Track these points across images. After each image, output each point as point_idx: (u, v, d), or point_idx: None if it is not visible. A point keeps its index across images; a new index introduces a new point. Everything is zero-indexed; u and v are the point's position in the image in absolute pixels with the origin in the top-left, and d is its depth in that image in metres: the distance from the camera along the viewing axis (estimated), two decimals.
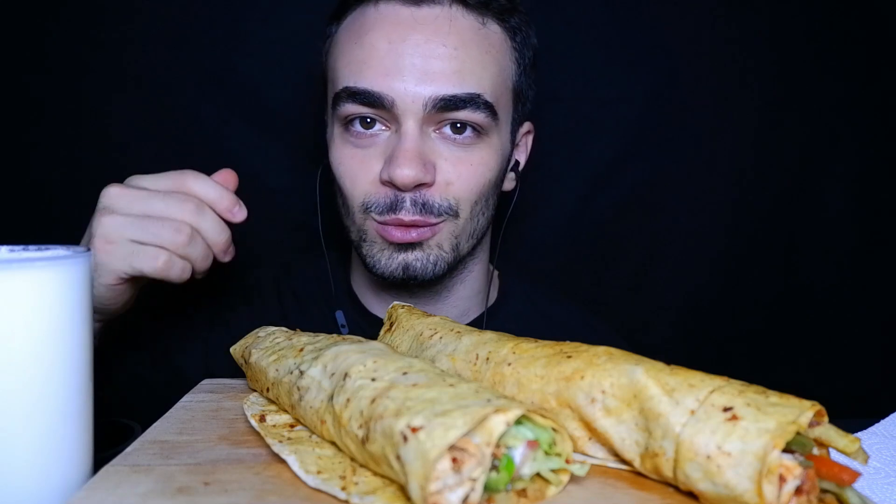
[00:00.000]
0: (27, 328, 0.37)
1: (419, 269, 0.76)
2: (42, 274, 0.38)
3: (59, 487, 0.39)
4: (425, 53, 0.71)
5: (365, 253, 0.78)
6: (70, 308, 0.39)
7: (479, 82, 0.73)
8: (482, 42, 0.74)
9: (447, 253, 0.77)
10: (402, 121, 0.72)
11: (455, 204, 0.75)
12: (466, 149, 0.75)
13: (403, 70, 0.70)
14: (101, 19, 1.05)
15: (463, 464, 0.34)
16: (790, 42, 1.16)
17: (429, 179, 0.72)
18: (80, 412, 0.40)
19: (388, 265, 0.76)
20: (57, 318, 0.38)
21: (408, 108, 0.71)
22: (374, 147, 0.74)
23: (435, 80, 0.71)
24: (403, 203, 0.73)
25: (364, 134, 0.75)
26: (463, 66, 0.72)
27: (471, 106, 0.72)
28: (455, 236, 0.77)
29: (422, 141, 0.72)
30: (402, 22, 0.72)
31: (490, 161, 0.77)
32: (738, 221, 1.19)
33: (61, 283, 0.39)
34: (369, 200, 0.75)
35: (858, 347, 1.21)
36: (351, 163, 0.76)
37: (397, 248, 0.76)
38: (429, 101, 0.71)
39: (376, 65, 0.71)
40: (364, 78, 0.72)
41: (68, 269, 0.39)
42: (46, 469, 0.38)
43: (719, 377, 0.39)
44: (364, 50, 0.73)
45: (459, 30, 0.73)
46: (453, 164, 0.74)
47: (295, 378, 0.47)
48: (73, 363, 0.40)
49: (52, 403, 0.38)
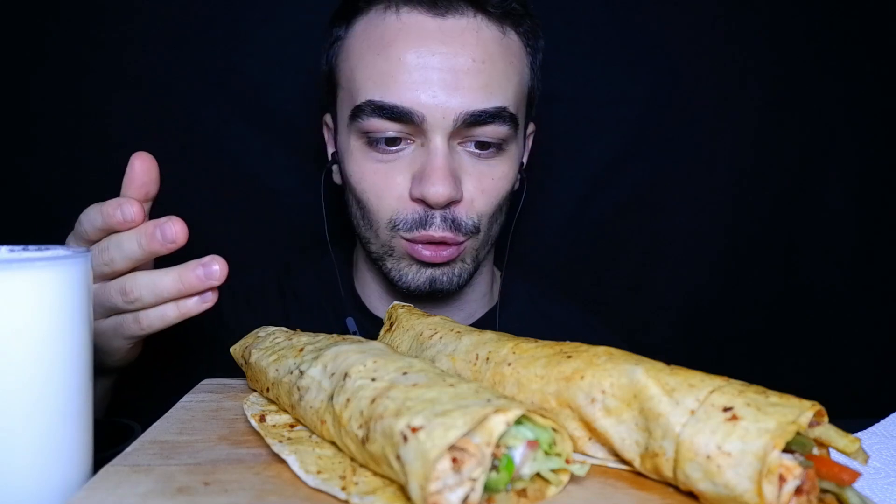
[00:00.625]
0: (27, 328, 0.37)
1: (445, 282, 0.77)
2: (42, 274, 0.38)
3: (59, 487, 0.39)
4: (454, 68, 0.70)
5: (391, 267, 0.78)
6: (70, 308, 0.39)
7: (505, 95, 0.73)
8: (505, 53, 0.74)
9: (469, 265, 0.79)
10: (431, 136, 0.71)
11: (478, 221, 0.75)
12: (489, 163, 0.75)
13: (432, 84, 0.69)
14: (101, 19, 1.05)
15: (463, 464, 0.34)
16: (790, 42, 1.16)
17: (459, 196, 0.72)
18: (80, 412, 0.40)
19: (416, 279, 0.76)
20: (57, 318, 0.38)
21: (437, 123, 0.70)
22: (400, 161, 0.73)
23: (464, 95, 0.70)
24: (434, 220, 0.72)
25: (389, 150, 0.73)
26: (490, 80, 0.71)
27: (498, 120, 0.72)
28: (476, 250, 0.78)
29: (451, 157, 0.72)
30: (428, 34, 0.71)
31: (510, 173, 0.77)
32: (738, 221, 1.19)
33: (61, 283, 0.39)
34: (397, 217, 0.74)
35: (858, 347, 1.21)
36: (375, 178, 0.74)
37: (424, 265, 0.76)
38: (459, 117, 0.70)
39: (405, 79, 0.70)
40: (391, 92, 0.70)
41: (68, 269, 0.39)
42: (46, 469, 0.38)
43: (719, 377, 0.39)
44: (389, 63, 0.71)
45: (485, 42, 0.72)
46: (477, 180, 0.74)
47: (295, 378, 0.47)
48: (73, 363, 0.40)
49: (52, 403, 0.38)
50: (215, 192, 1.09)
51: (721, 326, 1.20)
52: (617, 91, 1.14)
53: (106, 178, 0.62)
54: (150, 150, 0.59)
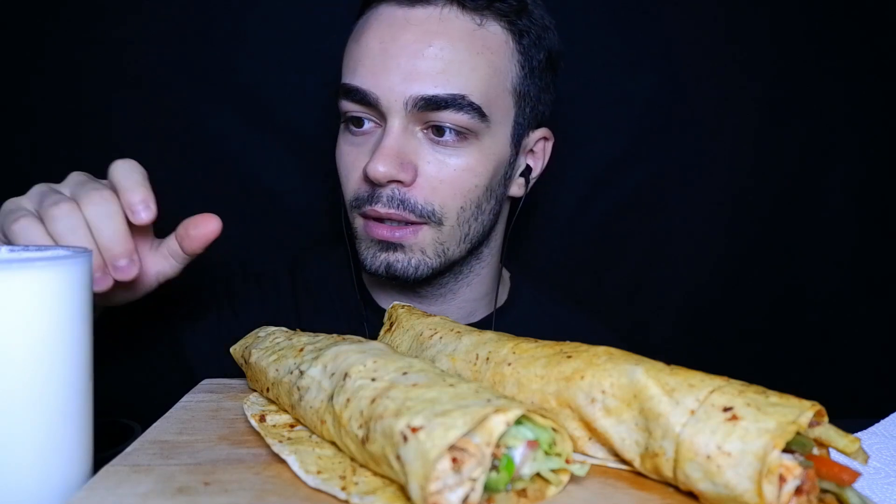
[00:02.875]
0: (27, 328, 0.37)
1: (400, 269, 0.77)
2: (42, 274, 0.38)
3: (59, 486, 0.39)
4: (411, 53, 0.72)
5: (357, 249, 0.80)
6: (70, 308, 0.39)
7: (466, 83, 0.73)
8: (475, 43, 0.74)
9: (431, 258, 0.78)
10: (388, 118, 0.73)
11: (440, 210, 0.75)
12: (448, 152, 0.74)
13: (390, 69, 0.72)
14: (101, 19, 1.05)
15: (463, 464, 0.34)
16: (791, 42, 1.16)
17: (404, 178, 0.73)
18: (80, 412, 0.40)
19: (373, 263, 0.78)
20: (57, 318, 0.38)
21: (391, 105, 0.72)
22: (366, 144, 0.76)
23: (419, 80, 0.71)
24: (380, 197, 0.74)
25: (358, 131, 0.77)
26: (448, 67, 0.72)
27: (454, 107, 0.72)
28: (440, 243, 0.77)
29: (404, 140, 0.73)
30: (395, 22, 0.74)
31: (477, 166, 0.76)
32: (738, 221, 1.19)
33: (61, 283, 0.39)
34: (355, 195, 0.77)
35: (858, 347, 1.21)
36: (346, 159, 0.78)
37: (380, 248, 0.77)
38: (410, 101, 0.71)
39: (368, 63, 0.74)
40: (357, 75, 0.74)
41: (68, 269, 0.39)
42: (47, 468, 0.38)
43: (719, 377, 0.39)
44: (360, 49, 0.75)
45: (449, 30, 0.73)
46: (436, 168, 0.74)
47: (295, 378, 0.47)
48: (73, 363, 0.40)
49: (52, 403, 0.38)
50: (216, 193, 1.08)
51: (721, 326, 1.20)
52: (617, 91, 1.14)
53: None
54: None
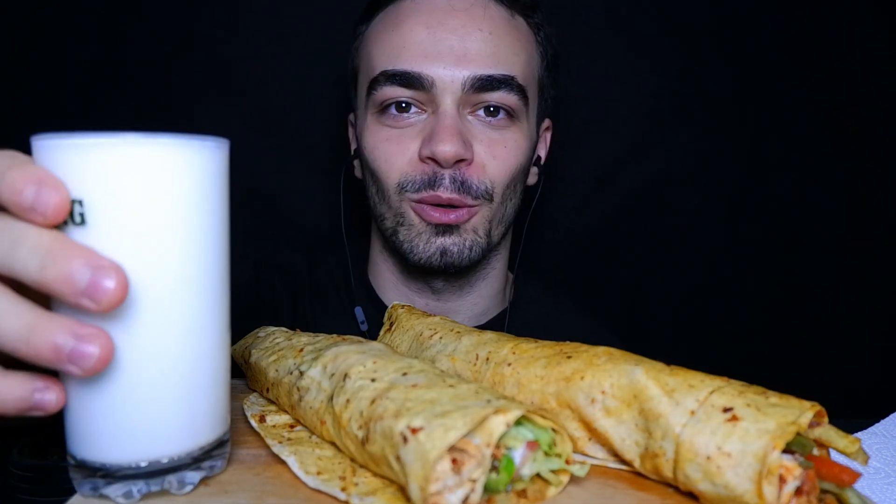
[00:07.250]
0: (186, 200, 0.36)
1: (456, 253, 0.76)
2: (195, 153, 0.36)
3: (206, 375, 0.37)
4: (462, 36, 0.74)
5: (402, 239, 0.78)
6: (218, 190, 0.39)
7: (513, 66, 0.76)
8: (513, 30, 0.78)
9: (482, 238, 0.78)
10: (440, 101, 0.74)
11: (491, 187, 0.76)
12: (500, 131, 0.77)
13: (442, 52, 0.74)
14: (101, 19, 1.05)
15: (463, 465, 0.34)
16: (791, 43, 1.16)
17: (468, 156, 0.74)
18: (223, 298, 0.39)
19: (426, 250, 0.76)
20: (207, 197, 0.37)
21: (447, 87, 0.73)
22: (411, 128, 0.76)
23: (472, 61, 0.74)
24: (442, 180, 0.74)
25: (400, 118, 0.76)
26: (497, 49, 0.75)
27: (505, 87, 0.75)
28: (489, 221, 0.78)
29: (460, 121, 0.75)
30: (438, 9, 0.76)
31: (522, 144, 0.79)
32: (738, 221, 1.19)
33: (209, 163, 0.37)
34: (405, 180, 0.76)
35: (858, 347, 1.21)
36: (387, 145, 0.77)
37: (434, 232, 0.76)
38: (467, 81, 0.73)
39: (415, 48, 0.74)
40: (402, 61, 0.75)
41: (213, 153, 0.38)
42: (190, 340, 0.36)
43: (719, 377, 0.39)
44: (402, 36, 0.76)
45: (492, 17, 0.76)
46: (488, 146, 0.76)
47: (295, 378, 0.47)
48: (217, 250, 0.39)
49: (196, 278, 0.37)
50: None
51: (721, 326, 1.20)
52: (618, 92, 1.14)
53: None
54: None
